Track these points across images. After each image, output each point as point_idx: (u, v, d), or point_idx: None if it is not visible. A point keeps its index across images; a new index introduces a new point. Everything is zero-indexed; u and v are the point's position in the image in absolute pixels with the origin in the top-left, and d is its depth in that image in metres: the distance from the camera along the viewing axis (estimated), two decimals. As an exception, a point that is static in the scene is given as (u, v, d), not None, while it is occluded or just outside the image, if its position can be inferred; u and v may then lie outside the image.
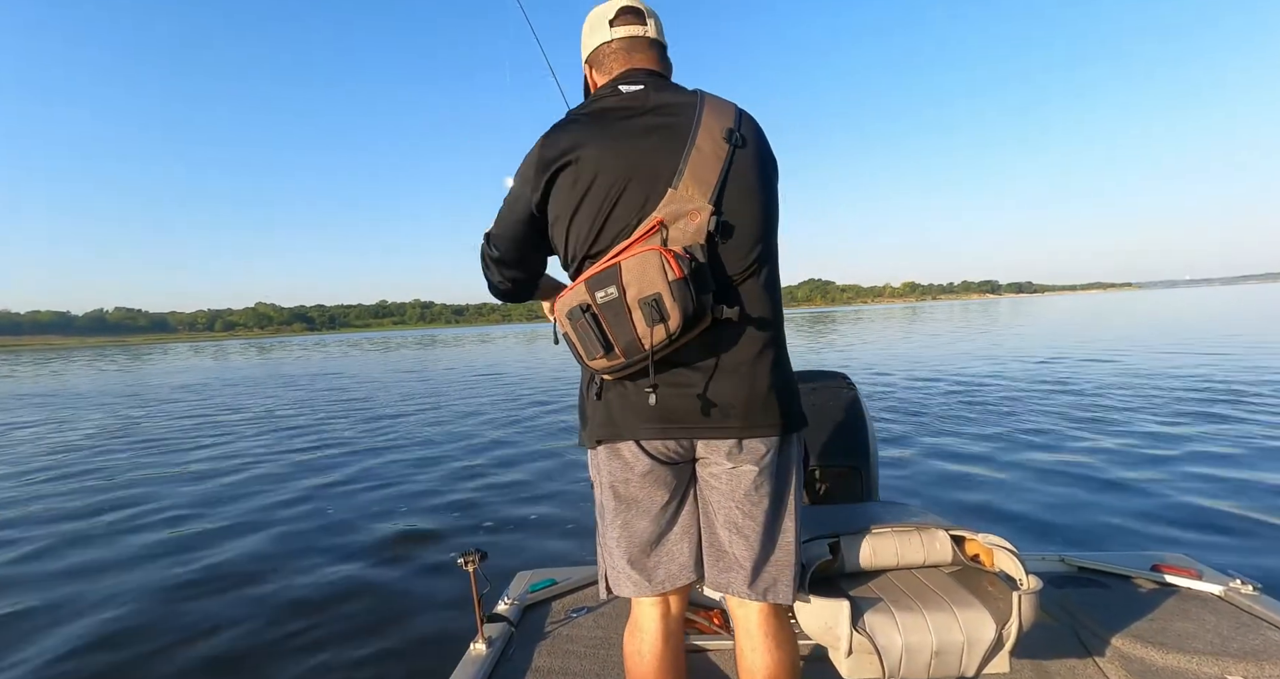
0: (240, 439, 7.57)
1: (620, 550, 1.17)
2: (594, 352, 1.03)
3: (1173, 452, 4.67)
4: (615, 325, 1.01)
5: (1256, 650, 1.48)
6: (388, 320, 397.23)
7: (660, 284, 0.97)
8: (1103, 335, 17.22)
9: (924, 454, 5.04)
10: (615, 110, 1.10)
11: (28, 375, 27.02)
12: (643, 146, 1.06)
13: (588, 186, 1.07)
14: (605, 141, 1.07)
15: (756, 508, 1.11)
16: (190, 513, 4.48)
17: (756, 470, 1.10)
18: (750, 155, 1.09)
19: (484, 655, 1.63)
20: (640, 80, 1.14)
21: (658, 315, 0.97)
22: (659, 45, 1.21)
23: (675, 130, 1.07)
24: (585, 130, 1.09)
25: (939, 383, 9.13)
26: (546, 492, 4.61)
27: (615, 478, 1.15)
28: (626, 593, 1.18)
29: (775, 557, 1.14)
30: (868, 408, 2.10)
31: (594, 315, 1.02)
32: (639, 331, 0.99)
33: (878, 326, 29.32)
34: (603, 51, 1.20)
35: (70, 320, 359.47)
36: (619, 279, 0.99)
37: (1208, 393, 7.07)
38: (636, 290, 0.98)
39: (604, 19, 1.19)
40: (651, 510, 1.15)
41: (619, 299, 0.99)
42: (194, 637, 2.63)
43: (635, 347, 1.01)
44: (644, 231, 1.03)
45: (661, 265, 0.97)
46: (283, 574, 3.28)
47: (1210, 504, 3.53)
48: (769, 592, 1.14)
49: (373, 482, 5.21)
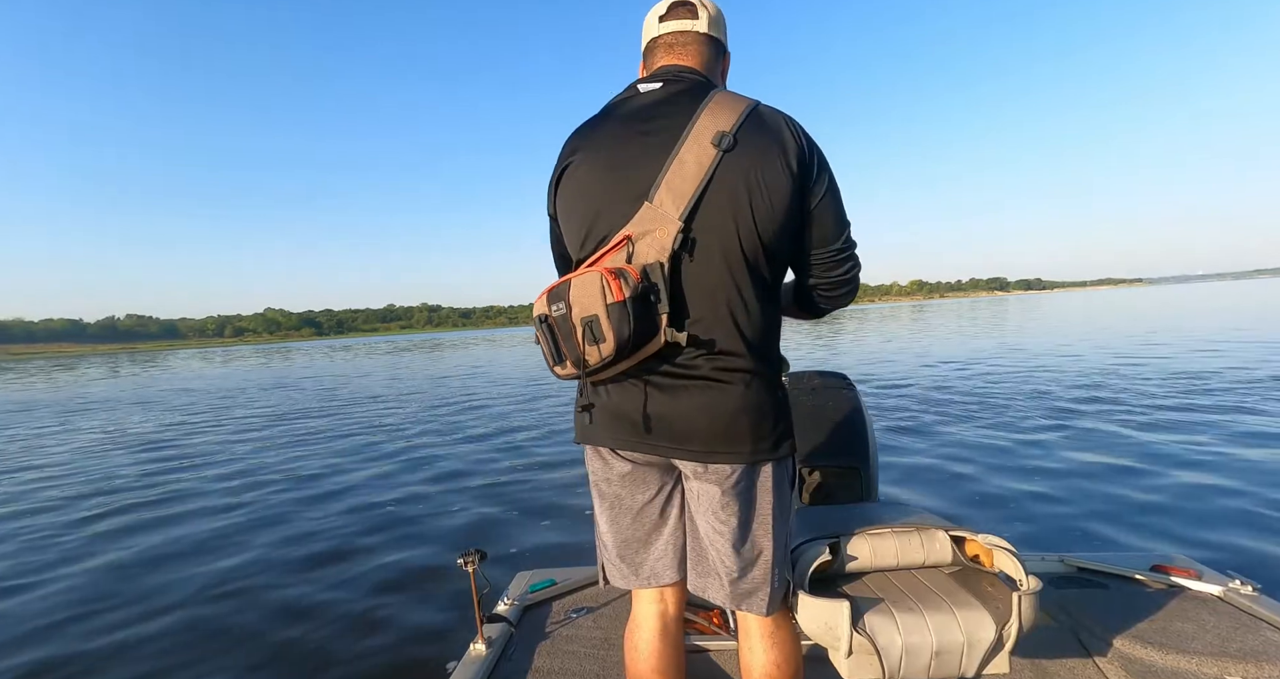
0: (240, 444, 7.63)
1: (609, 542, 1.21)
2: (552, 360, 1.04)
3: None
4: (565, 340, 1.01)
5: (1256, 651, 1.48)
6: (395, 324, 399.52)
7: (598, 306, 0.95)
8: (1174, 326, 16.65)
9: (924, 453, 5.02)
10: (619, 115, 1.08)
11: (76, 379, 27.34)
12: (632, 154, 1.04)
13: (579, 193, 1.07)
14: (598, 148, 1.06)
15: (725, 525, 1.10)
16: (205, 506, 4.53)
17: (720, 491, 1.08)
18: (746, 161, 0.99)
19: (484, 655, 1.64)
20: (662, 79, 1.09)
21: (594, 337, 0.97)
22: (710, 40, 1.13)
23: (666, 137, 1.02)
24: (588, 135, 1.09)
25: (966, 378, 9.09)
26: (549, 489, 4.63)
27: (597, 477, 1.19)
28: (617, 583, 1.21)
29: (751, 572, 1.13)
30: (867, 408, 2.10)
31: (550, 327, 1.02)
32: (584, 349, 0.99)
33: (872, 327, 29.13)
34: (651, 47, 1.16)
35: (83, 327, 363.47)
36: (567, 296, 0.98)
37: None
38: (580, 309, 0.97)
39: (656, 13, 1.14)
40: (633, 509, 1.16)
41: (566, 315, 0.99)
42: (196, 636, 2.65)
43: (581, 363, 1.00)
44: (612, 246, 1.01)
45: (602, 287, 0.95)
46: (282, 574, 3.30)
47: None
48: (745, 602, 1.14)
49: (374, 481, 5.25)
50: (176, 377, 25.32)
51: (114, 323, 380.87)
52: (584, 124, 1.12)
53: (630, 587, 1.20)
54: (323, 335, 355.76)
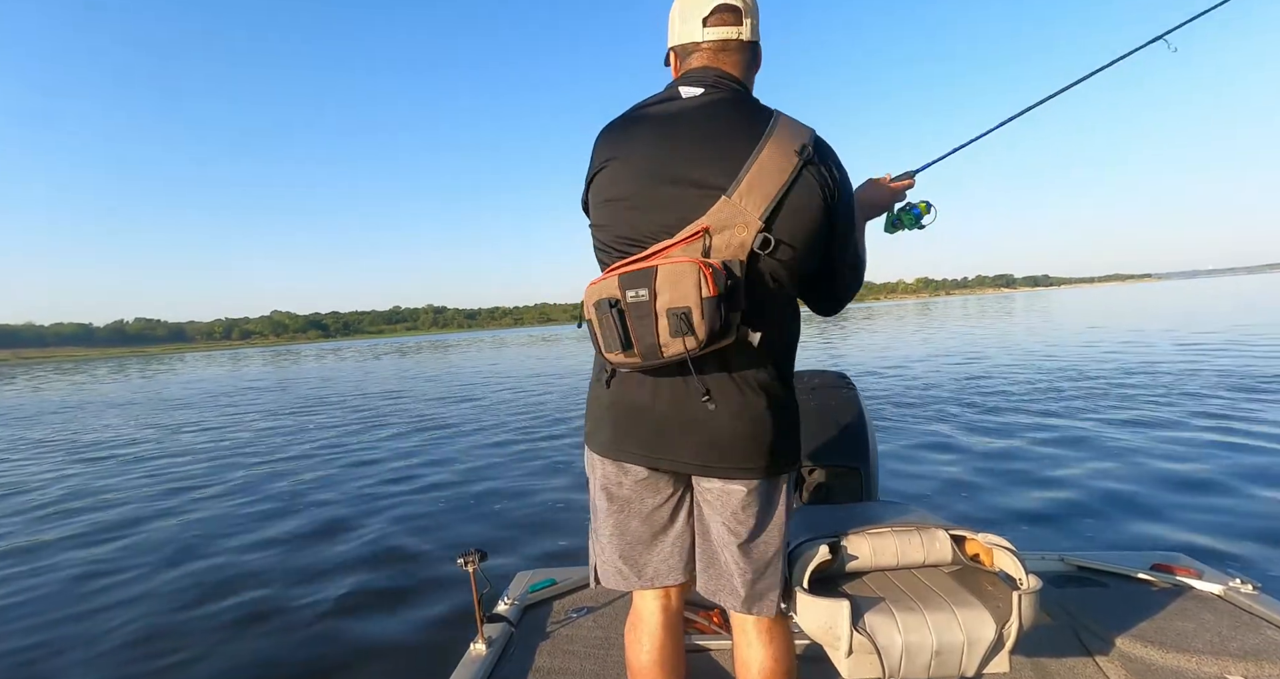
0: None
1: (612, 546, 1.19)
2: (613, 346, 1.01)
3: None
4: (639, 327, 0.98)
5: (1256, 650, 1.48)
6: (400, 326, 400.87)
7: (693, 299, 0.94)
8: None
9: (923, 453, 5.01)
10: (665, 114, 1.08)
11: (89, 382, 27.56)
12: (693, 151, 1.03)
13: (631, 180, 1.05)
14: (648, 143, 1.05)
15: (742, 527, 1.12)
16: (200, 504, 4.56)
17: (741, 500, 1.11)
18: (820, 176, 1.02)
19: (484, 656, 1.64)
20: (703, 84, 1.08)
21: (685, 328, 0.95)
22: (751, 46, 1.13)
23: (735, 139, 1.02)
24: (630, 130, 1.08)
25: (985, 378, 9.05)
26: (549, 489, 4.63)
27: (609, 481, 1.17)
28: (612, 585, 1.21)
29: (764, 575, 1.16)
30: (867, 408, 2.10)
31: (620, 312, 0.99)
32: (661, 340, 0.97)
33: (873, 326, 29.00)
34: (689, 48, 1.13)
35: (92, 332, 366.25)
36: (652, 283, 0.96)
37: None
38: (668, 298, 0.95)
39: (697, 14, 1.10)
40: (643, 512, 1.16)
41: (648, 303, 0.96)
42: (195, 636, 2.67)
43: (654, 352, 0.99)
44: (686, 236, 0.99)
45: (698, 280, 0.94)
46: (283, 574, 3.33)
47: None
48: (756, 606, 1.16)
49: (375, 481, 5.28)
50: (240, 376, 25.44)
51: (122, 326, 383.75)
52: (621, 120, 1.11)
53: (631, 588, 1.20)
54: (329, 337, 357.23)
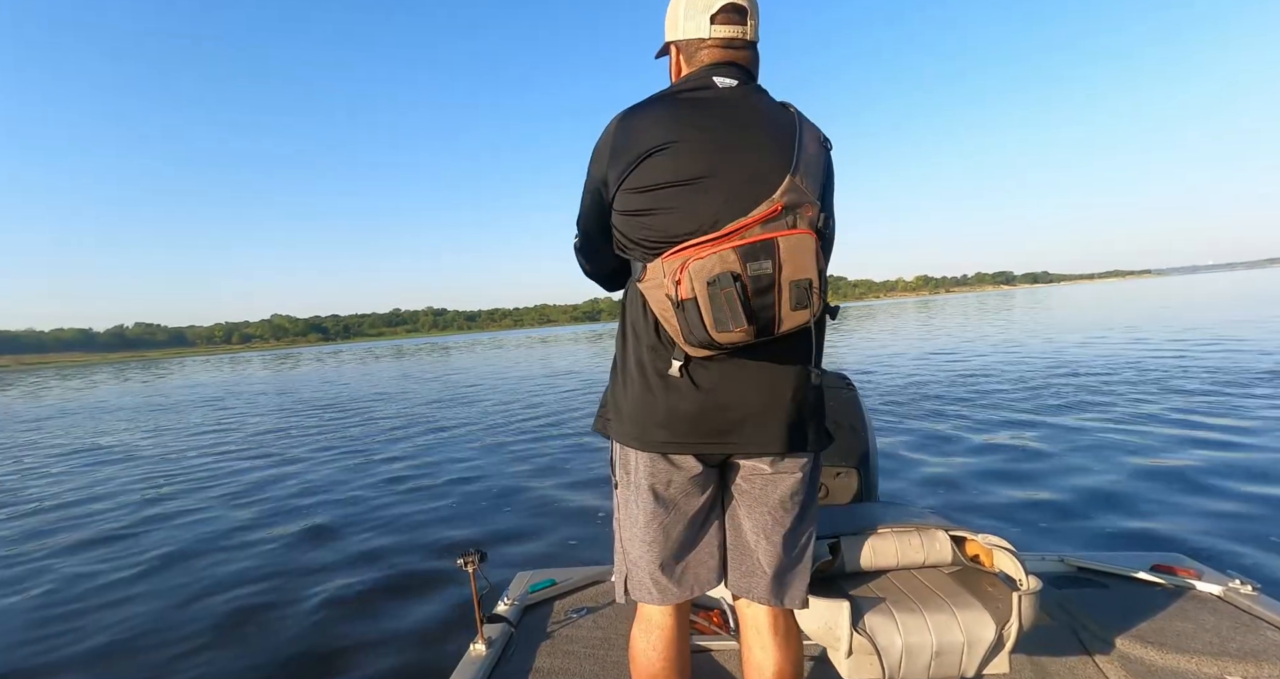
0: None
1: (652, 556, 1.12)
2: (726, 324, 0.94)
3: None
4: (759, 301, 0.94)
5: (1256, 650, 1.48)
6: (401, 328, 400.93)
7: (812, 270, 0.94)
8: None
9: (923, 453, 5.00)
10: (705, 99, 1.07)
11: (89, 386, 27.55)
12: (745, 135, 1.03)
13: (694, 160, 1.02)
14: (699, 127, 1.03)
15: (787, 514, 1.11)
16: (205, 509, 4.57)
17: (791, 482, 1.11)
18: (831, 167, 1.09)
19: (484, 656, 1.64)
20: (733, 76, 1.09)
21: (807, 300, 0.94)
22: (754, 46, 1.14)
23: (779, 125, 1.04)
24: (675, 113, 1.05)
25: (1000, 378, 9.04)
26: (551, 490, 4.63)
27: (658, 480, 1.10)
28: (645, 600, 1.15)
29: (798, 565, 1.15)
30: (867, 408, 2.10)
31: (743, 286, 0.93)
32: (782, 313, 0.95)
33: (874, 325, 28.98)
34: (695, 45, 1.13)
35: (92, 337, 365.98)
36: (775, 254, 0.94)
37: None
38: (792, 270, 0.94)
39: (706, 11, 1.09)
40: (689, 512, 1.12)
41: (772, 275, 0.94)
42: (195, 635, 2.67)
43: (769, 327, 0.96)
44: (766, 212, 0.97)
45: (815, 250, 0.95)
46: (282, 574, 3.33)
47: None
48: (787, 595, 1.15)
49: (374, 481, 5.29)
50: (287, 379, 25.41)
51: (123, 331, 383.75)
52: (660, 104, 1.07)
53: (666, 602, 1.14)
54: (329, 340, 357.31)
